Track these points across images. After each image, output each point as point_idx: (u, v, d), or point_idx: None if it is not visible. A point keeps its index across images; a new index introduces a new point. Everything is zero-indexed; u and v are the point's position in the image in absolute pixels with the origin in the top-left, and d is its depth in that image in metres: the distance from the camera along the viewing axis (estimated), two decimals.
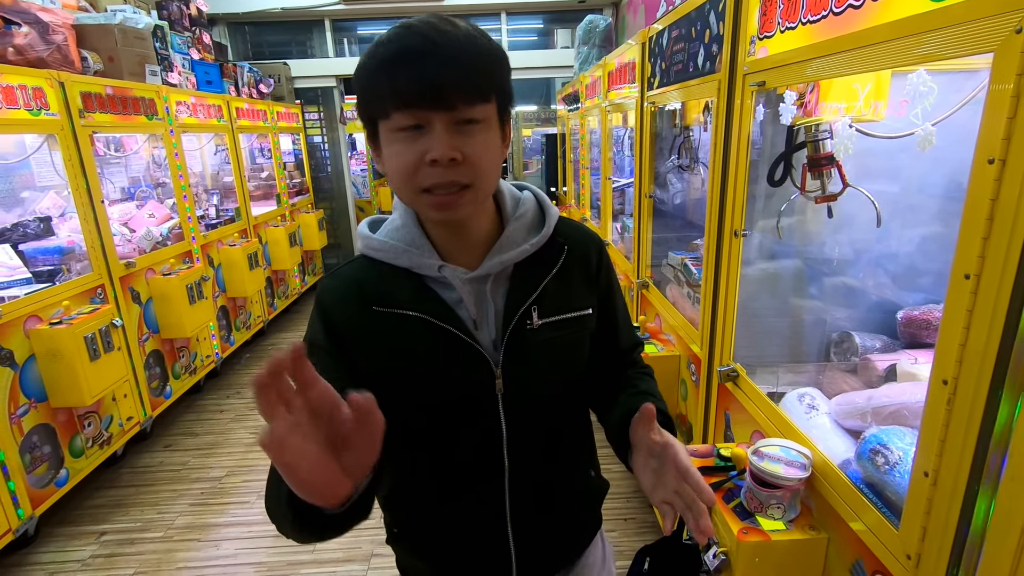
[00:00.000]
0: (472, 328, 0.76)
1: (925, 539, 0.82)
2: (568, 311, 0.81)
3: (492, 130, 0.69)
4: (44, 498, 2.34)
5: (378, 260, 0.78)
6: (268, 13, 5.47)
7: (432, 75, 0.63)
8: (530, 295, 0.78)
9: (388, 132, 0.67)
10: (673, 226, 2.60)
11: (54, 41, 2.61)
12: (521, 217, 0.80)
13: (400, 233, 0.78)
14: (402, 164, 0.67)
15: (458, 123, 0.65)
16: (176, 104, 3.46)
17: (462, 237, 0.77)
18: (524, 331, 0.77)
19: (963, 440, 0.74)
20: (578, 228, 0.87)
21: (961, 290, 0.73)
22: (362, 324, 0.76)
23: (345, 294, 0.78)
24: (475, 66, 0.65)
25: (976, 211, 0.70)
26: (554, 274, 0.80)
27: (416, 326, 0.75)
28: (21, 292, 2.35)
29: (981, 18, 0.70)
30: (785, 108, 1.20)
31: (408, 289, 0.76)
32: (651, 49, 2.20)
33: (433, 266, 0.76)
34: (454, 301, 0.77)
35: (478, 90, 0.66)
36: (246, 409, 3.50)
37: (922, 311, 1.45)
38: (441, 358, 0.76)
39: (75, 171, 2.58)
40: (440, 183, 0.66)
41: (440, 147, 0.64)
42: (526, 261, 0.79)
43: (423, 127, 0.65)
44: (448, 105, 0.64)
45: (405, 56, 0.63)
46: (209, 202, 4.26)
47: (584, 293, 0.83)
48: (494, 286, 0.78)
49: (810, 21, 1.07)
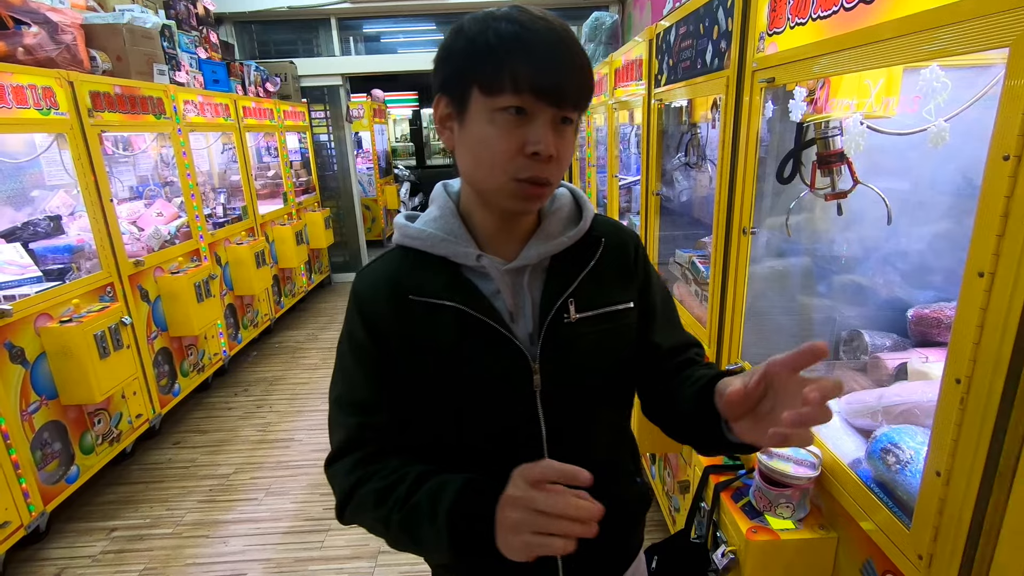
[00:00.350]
0: (508, 320, 0.75)
1: (937, 539, 0.81)
2: (606, 305, 0.79)
3: (574, 134, 0.71)
4: (55, 494, 2.36)
5: (413, 249, 0.78)
6: (275, 12, 5.48)
7: (561, 69, 0.64)
8: (567, 287, 0.77)
9: (488, 110, 0.66)
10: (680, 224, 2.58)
11: (63, 41, 2.63)
12: (557, 211, 0.80)
13: (438, 223, 0.78)
14: (499, 149, 0.66)
15: (559, 122, 0.67)
16: (184, 103, 3.47)
17: (509, 229, 0.77)
18: (561, 325, 0.76)
19: (976, 440, 0.74)
20: (614, 224, 0.87)
21: (975, 288, 0.72)
22: (396, 315, 0.75)
23: (379, 285, 0.78)
24: (589, 72, 0.68)
25: (990, 208, 0.70)
26: (591, 268, 0.79)
27: (451, 316, 0.74)
28: (32, 290, 2.37)
29: (996, 12, 0.69)
30: (795, 105, 1.19)
31: (443, 278, 0.75)
32: (658, 46, 2.19)
33: (471, 255, 0.75)
34: (491, 292, 0.76)
35: (586, 95, 0.68)
36: (254, 406, 3.52)
37: (933, 309, 1.44)
38: (476, 350, 0.74)
39: (84, 170, 2.60)
40: (537, 176, 0.67)
41: (547, 141, 0.65)
42: (563, 254, 0.78)
43: (526, 114, 0.65)
44: (562, 102, 0.65)
45: (535, 42, 0.64)
46: (216, 201, 4.28)
47: (623, 287, 0.82)
48: (531, 278, 0.78)
49: (820, 17, 1.06)
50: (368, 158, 8.13)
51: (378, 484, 0.72)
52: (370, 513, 0.73)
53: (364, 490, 0.73)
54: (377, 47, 6.31)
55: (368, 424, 0.77)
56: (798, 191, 1.42)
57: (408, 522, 0.69)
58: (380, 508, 0.71)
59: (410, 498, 0.69)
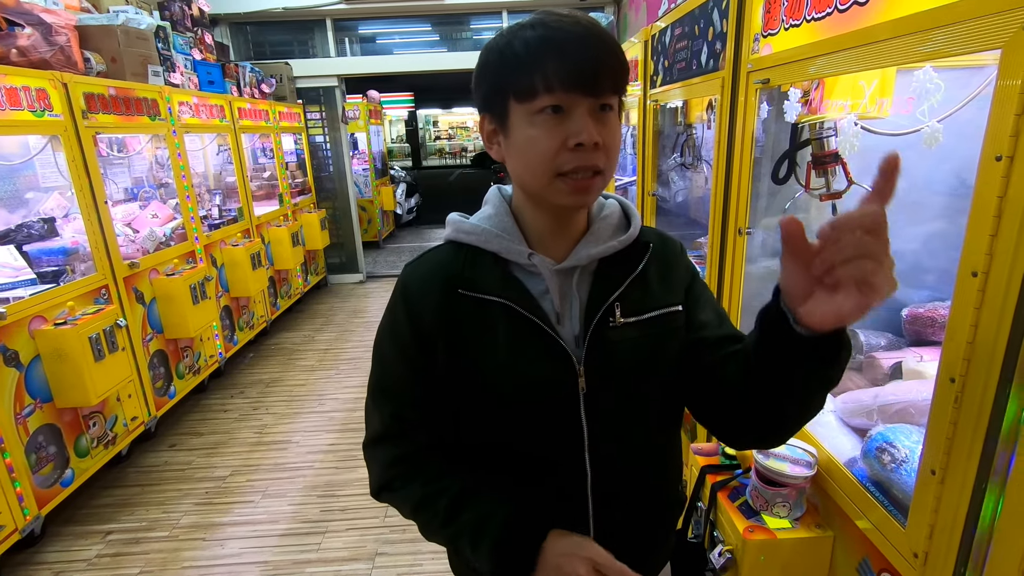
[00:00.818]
0: (555, 322, 0.76)
1: (933, 537, 0.82)
2: (654, 309, 0.79)
3: (619, 120, 0.72)
4: (50, 498, 2.35)
5: (466, 245, 0.79)
6: (270, 13, 5.47)
7: (588, 59, 0.65)
8: (614, 290, 0.77)
9: (527, 115, 0.68)
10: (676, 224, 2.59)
11: (57, 42, 2.62)
12: (607, 217, 0.82)
13: (492, 220, 0.79)
14: (543, 148, 0.68)
15: (598, 110, 0.68)
16: (179, 104, 3.46)
17: (561, 229, 0.78)
18: (607, 328, 0.76)
19: (971, 438, 0.74)
20: (659, 232, 0.88)
21: (968, 288, 0.73)
22: (444, 308, 0.76)
23: (430, 276, 0.79)
24: (620, 57, 0.68)
25: (984, 208, 0.70)
26: (639, 273, 0.79)
27: (499, 313, 0.75)
28: (26, 293, 2.36)
29: (989, 14, 0.69)
30: (790, 105, 1.20)
31: (494, 275, 0.76)
32: (654, 47, 2.20)
33: (523, 253, 0.76)
34: (539, 292, 0.77)
35: (622, 79, 0.69)
36: (250, 408, 3.51)
37: (927, 308, 1.45)
38: (522, 349, 0.75)
39: (79, 172, 2.59)
40: (581, 166, 0.67)
41: (588, 131, 0.66)
42: (611, 259, 0.79)
43: (564, 110, 0.66)
44: (596, 90, 0.66)
45: (561, 38, 0.65)
46: (212, 202, 4.27)
47: (670, 291, 0.82)
48: (579, 280, 0.78)
49: (815, 18, 1.07)
50: (364, 159, 8.12)
51: (419, 491, 0.78)
52: (407, 510, 0.81)
53: (404, 491, 0.80)
54: (373, 48, 6.30)
55: (403, 415, 0.80)
56: (793, 191, 1.43)
57: (452, 538, 0.78)
58: (419, 513, 0.79)
59: (453, 517, 0.76)
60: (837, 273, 0.52)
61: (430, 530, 0.80)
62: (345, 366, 4.09)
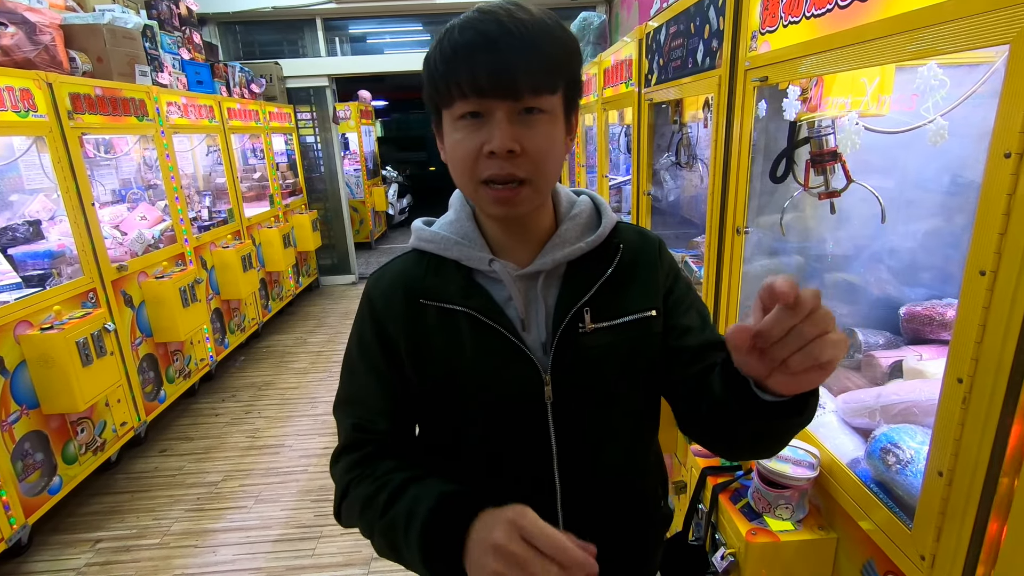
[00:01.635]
0: (520, 329, 0.73)
1: (940, 539, 0.81)
2: (627, 314, 0.75)
3: (556, 123, 0.67)
4: (37, 506, 2.30)
5: (428, 252, 0.77)
6: (259, 12, 5.41)
7: (498, 62, 0.61)
8: (583, 295, 0.74)
9: (450, 121, 0.67)
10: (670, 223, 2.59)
11: (41, 42, 2.57)
12: (576, 216, 0.78)
13: (453, 227, 0.77)
14: (462, 154, 0.66)
15: (521, 113, 0.64)
16: (167, 105, 3.42)
17: (518, 233, 0.76)
18: (576, 334, 0.73)
19: (979, 439, 0.73)
20: (636, 229, 0.83)
21: (977, 287, 0.72)
22: (408, 318, 0.74)
23: (392, 287, 0.77)
24: (544, 54, 0.64)
25: (992, 206, 0.69)
26: (610, 274, 0.75)
27: (462, 322, 0.73)
28: (11, 297, 2.31)
29: (994, 9, 0.68)
30: (789, 103, 1.19)
31: (456, 283, 0.74)
32: (648, 45, 2.19)
33: (484, 259, 0.74)
34: (503, 299, 0.74)
35: (545, 79, 0.64)
36: (242, 412, 3.47)
37: (925, 307, 1.44)
38: (487, 357, 0.72)
39: (64, 173, 2.54)
40: (498, 175, 0.65)
41: (499, 137, 0.63)
42: (580, 260, 0.75)
43: (482, 116, 0.64)
44: (512, 94, 0.62)
45: (473, 42, 0.62)
46: (201, 204, 4.21)
47: (646, 294, 0.77)
48: (545, 285, 0.75)
49: (814, 15, 1.06)
50: (355, 160, 8.07)
51: (366, 489, 0.71)
52: (357, 518, 0.73)
53: (354, 493, 0.73)
54: (364, 48, 6.26)
55: (366, 426, 0.76)
56: (790, 190, 1.42)
57: (387, 533, 0.68)
58: (365, 514, 0.70)
59: (389, 508, 0.67)
60: (790, 364, 0.50)
61: (374, 533, 0.70)
62: (338, 368, 4.00)
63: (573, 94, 0.70)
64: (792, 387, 0.53)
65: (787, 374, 0.51)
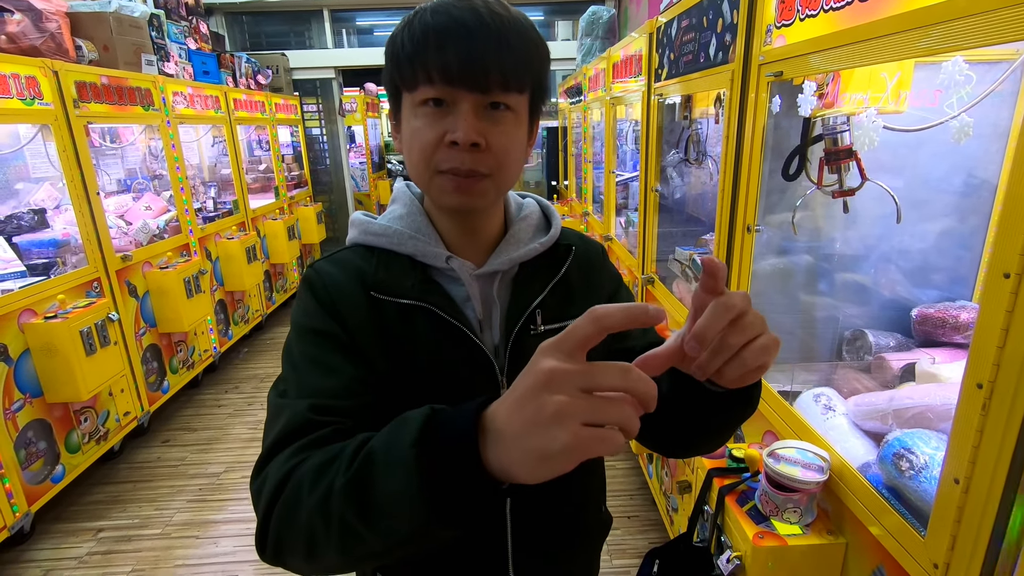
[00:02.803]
0: (478, 329, 0.71)
1: (955, 548, 0.79)
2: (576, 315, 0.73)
3: (520, 123, 0.66)
4: (40, 494, 2.30)
5: (378, 248, 0.72)
6: (266, 3, 5.40)
7: (471, 51, 0.59)
8: (535, 296, 0.73)
9: (411, 105, 0.64)
10: (678, 220, 2.56)
11: (48, 29, 2.56)
12: (526, 218, 0.77)
13: (404, 221, 0.73)
14: (422, 141, 0.63)
15: (487, 107, 0.62)
16: (173, 95, 3.40)
17: (470, 232, 0.73)
18: (528, 336, 0.72)
19: (999, 446, 0.71)
20: (580, 234, 0.84)
21: (1000, 290, 0.70)
22: (365, 310, 0.68)
23: (344, 278, 0.70)
24: (518, 52, 0.62)
25: (1017, 208, 0.67)
26: (560, 277, 0.75)
27: (420, 319, 0.69)
28: (15, 286, 2.31)
29: (1019, 3, 0.66)
30: (804, 99, 1.16)
31: (411, 279, 0.70)
32: (659, 40, 2.16)
33: (440, 256, 0.71)
34: (461, 298, 0.72)
35: (517, 77, 0.62)
36: (245, 404, 3.47)
37: (938, 309, 1.42)
38: (444, 355, 0.69)
39: (70, 162, 2.53)
40: (458, 168, 0.62)
41: (464, 129, 0.60)
42: (531, 263, 0.75)
43: (446, 104, 0.61)
44: (481, 86, 0.60)
45: (446, 26, 0.59)
46: (207, 194, 4.21)
47: (592, 297, 0.76)
48: (500, 286, 0.74)
49: (833, 8, 1.03)
50: (361, 152, 8.04)
51: (319, 458, 0.53)
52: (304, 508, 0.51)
53: (298, 474, 0.53)
54: (371, 40, 6.23)
55: (321, 406, 0.61)
56: (801, 188, 1.39)
57: (354, 488, 0.47)
58: (316, 488, 0.50)
59: (358, 454, 0.49)
60: (724, 373, 0.49)
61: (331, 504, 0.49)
62: None
63: (538, 99, 0.68)
64: (735, 381, 0.50)
65: (722, 379, 0.50)
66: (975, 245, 1.49)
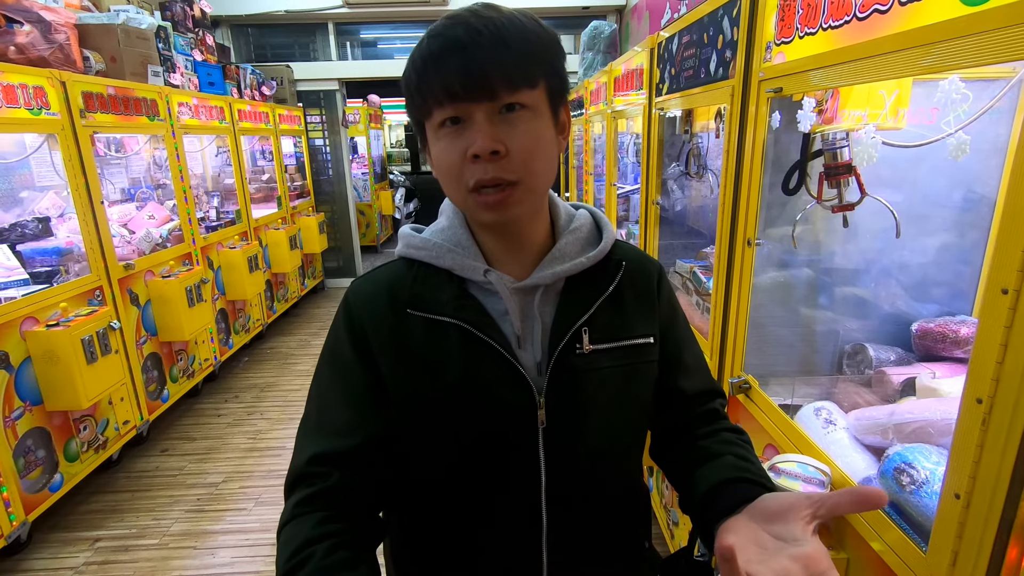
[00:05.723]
0: (516, 346, 0.69)
1: (956, 564, 0.78)
2: (625, 338, 0.72)
3: (541, 118, 0.64)
4: (37, 503, 2.29)
5: (418, 261, 0.72)
6: (271, 15, 5.46)
7: (467, 63, 0.59)
8: (582, 314, 0.70)
9: (433, 131, 0.64)
10: (678, 233, 2.57)
11: (56, 40, 2.59)
12: (576, 231, 0.74)
13: (446, 234, 0.73)
14: (447, 162, 0.63)
15: (501, 112, 0.61)
16: (178, 105, 3.43)
17: (513, 243, 0.71)
18: (573, 355, 0.69)
19: (1000, 462, 0.71)
20: (637, 250, 0.80)
21: (998, 305, 0.70)
22: (392, 329, 0.69)
23: (375, 295, 0.71)
24: (517, 48, 0.60)
25: (1015, 223, 0.67)
26: (610, 294, 0.72)
27: (453, 335, 0.67)
28: (18, 293, 2.32)
29: (1018, 24, 0.67)
30: (803, 115, 1.17)
31: (448, 293, 0.69)
32: (660, 55, 2.18)
33: (478, 269, 0.69)
34: (498, 313, 0.69)
35: (521, 73, 0.61)
36: (244, 413, 3.46)
37: (938, 323, 1.42)
38: (477, 374, 0.67)
39: (75, 171, 2.55)
40: (484, 180, 0.61)
41: (481, 139, 0.60)
42: (579, 277, 0.72)
43: (463, 120, 0.61)
44: (487, 93, 0.60)
45: (442, 48, 0.60)
46: (210, 204, 4.23)
47: (644, 319, 0.75)
48: (543, 301, 0.71)
49: (832, 26, 1.05)
50: (363, 163, 8.10)
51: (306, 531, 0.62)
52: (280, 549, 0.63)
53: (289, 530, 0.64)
54: (374, 52, 6.29)
55: (328, 451, 0.67)
56: (801, 202, 1.40)
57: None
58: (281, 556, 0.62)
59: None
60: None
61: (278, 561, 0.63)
62: None
63: (557, 88, 0.66)
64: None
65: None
66: (975, 260, 1.50)
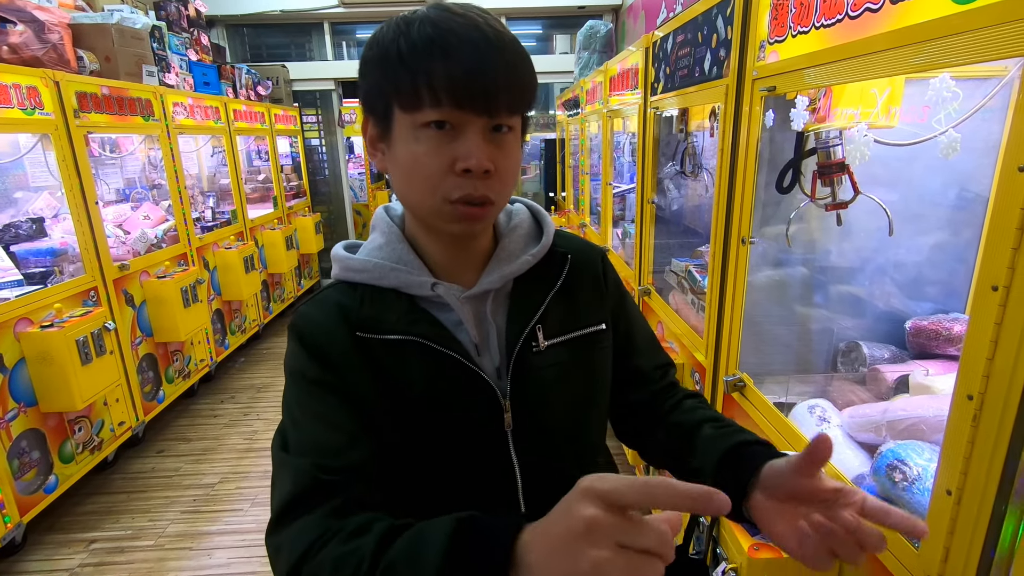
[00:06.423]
0: (475, 354, 0.68)
1: (948, 560, 0.79)
2: (577, 328, 0.73)
3: (519, 143, 0.65)
4: (32, 505, 2.29)
5: (360, 284, 0.69)
6: (267, 15, 5.45)
7: (485, 73, 0.57)
8: (534, 313, 0.70)
9: (411, 127, 0.59)
10: (674, 232, 2.58)
11: (50, 40, 2.58)
12: (516, 228, 0.74)
13: (384, 251, 0.70)
14: (428, 170, 0.60)
15: (491, 130, 0.60)
16: (173, 105, 3.42)
17: (462, 252, 0.70)
18: (531, 355, 0.69)
19: (990, 458, 0.72)
20: (577, 238, 0.81)
21: (988, 302, 0.70)
22: (350, 351, 0.66)
23: (326, 319, 0.67)
24: (523, 73, 0.61)
25: (1005, 220, 0.68)
26: (558, 288, 0.72)
27: (410, 352, 0.66)
28: (12, 294, 2.31)
29: (1009, 21, 0.67)
30: (796, 114, 1.18)
31: (398, 311, 0.67)
32: (655, 54, 2.18)
33: (425, 284, 0.67)
34: (453, 324, 0.69)
35: (520, 99, 0.61)
36: (240, 414, 3.45)
37: (931, 321, 1.43)
38: (441, 387, 0.66)
39: (69, 172, 2.54)
40: (472, 196, 0.60)
41: (478, 156, 0.58)
42: (526, 276, 0.72)
43: (450, 126, 0.58)
44: (491, 109, 0.58)
45: (454, 44, 0.56)
46: (205, 204, 4.22)
47: (594, 307, 0.75)
48: (494, 305, 0.70)
49: (824, 25, 1.05)
50: (360, 163, 8.08)
51: (337, 548, 0.54)
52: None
53: (320, 556, 0.54)
54: None
55: (326, 466, 0.61)
56: (796, 201, 1.41)
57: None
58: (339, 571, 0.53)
59: (377, 561, 0.50)
60: (829, 543, 0.54)
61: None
62: None
63: (527, 118, 0.67)
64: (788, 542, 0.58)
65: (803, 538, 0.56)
66: (968, 258, 1.51)
